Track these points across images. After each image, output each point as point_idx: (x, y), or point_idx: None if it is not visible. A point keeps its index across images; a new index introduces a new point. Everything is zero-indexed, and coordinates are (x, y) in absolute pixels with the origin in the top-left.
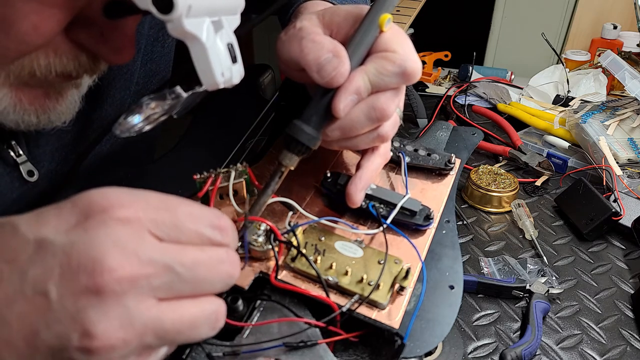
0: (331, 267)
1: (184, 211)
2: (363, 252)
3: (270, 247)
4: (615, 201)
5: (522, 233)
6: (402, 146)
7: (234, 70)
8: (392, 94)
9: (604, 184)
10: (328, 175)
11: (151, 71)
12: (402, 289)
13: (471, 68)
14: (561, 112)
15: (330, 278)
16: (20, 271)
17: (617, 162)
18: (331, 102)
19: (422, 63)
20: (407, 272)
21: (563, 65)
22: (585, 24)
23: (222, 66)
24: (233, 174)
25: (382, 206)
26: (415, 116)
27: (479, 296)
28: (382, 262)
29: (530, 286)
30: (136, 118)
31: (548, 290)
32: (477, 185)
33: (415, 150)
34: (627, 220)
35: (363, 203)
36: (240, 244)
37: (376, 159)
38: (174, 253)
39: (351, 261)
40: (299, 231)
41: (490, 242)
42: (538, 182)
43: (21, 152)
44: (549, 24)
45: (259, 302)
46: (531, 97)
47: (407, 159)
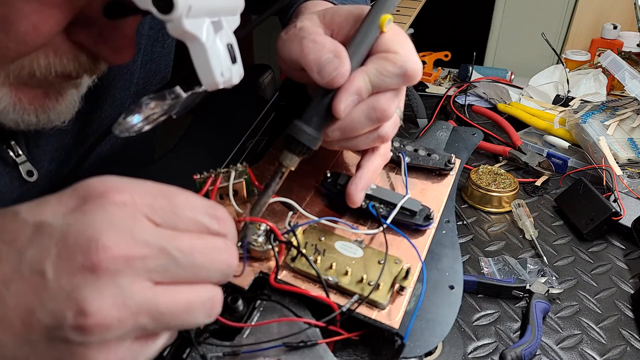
0: (331, 267)
1: (182, 199)
2: (363, 252)
3: (270, 247)
4: (615, 201)
5: (522, 233)
6: (402, 146)
7: (234, 70)
8: (393, 95)
9: (604, 184)
10: (328, 175)
11: (151, 71)
12: (402, 289)
13: (471, 68)
14: (561, 112)
15: (330, 278)
16: (18, 252)
17: (617, 162)
18: (332, 103)
19: (422, 63)
20: (407, 272)
21: (563, 65)
22: (585, 24)
23: (222, 66)
24: (233, 174)
25: (382, 206)
26: (415, 116)
27: (479, 296)
28: (382, 262)
29: (530, 286)
30: (135, 118)
31: (548, 290)
32: (477, 185)
33: (415, 150)
34: (627, 220)
35: (363, 203)
36: (240, 244)
37: (376, 159)
38: (170, 237)
39: (351, 261)
40: (299, 231)
41: (490, 242)
42: (538, 182)
43: (20, 152)
44: (549, 24)
45: (259, 302)
46: (531, 97)
47: (407, 159)
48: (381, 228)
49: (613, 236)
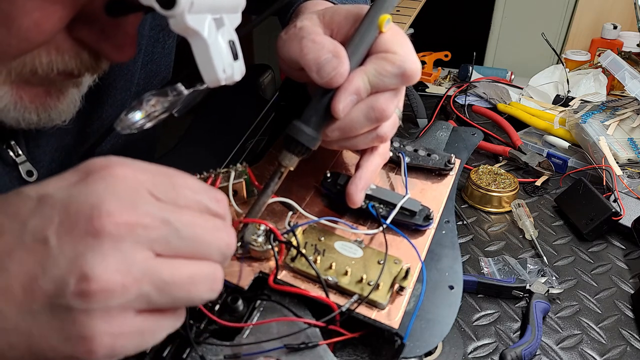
0: (331, 267)
1: (183, 180)
2: (363, 252)
3: (270, 247)
4: (615, 201)
5: (522, 233)
6: (402, 146)
7: (235, 67)
8: (392, 95)
9: (604, 184)
10: (328, 175)
11: (152, 72)
12: (402, 289)
13: (471, 68)
14: (561, 112)
15: (329, 278)
16: (20, 222)
17: (617, 162)
18: (331, 103)
19: (422, 63)
20: (407, 272)
21: (563, 65)
22: (585, 24)
23: (224, 62)
24: (233, 174)
25: (382, 206)
26: (415, 116)
27: (479, 296)
28: (382, 262)
29: (530, 286)
30: (137, 115)
31: (548, 290)
32: (477, 185)
33: (415, 150)
34: (627, 220)
35: (363, 203)
36: (240, 244)
37: (375, 159)
38: (172, 210)
39: (351, 261)
40: (299, 231)
41: (490, 242)
42: (538, 182)
43: (20, 152)
44: (549, 24)
45: (259, 302)
46: (531, 97)
47: (407, 159)
48: (381, 228)
49: (613, 236)
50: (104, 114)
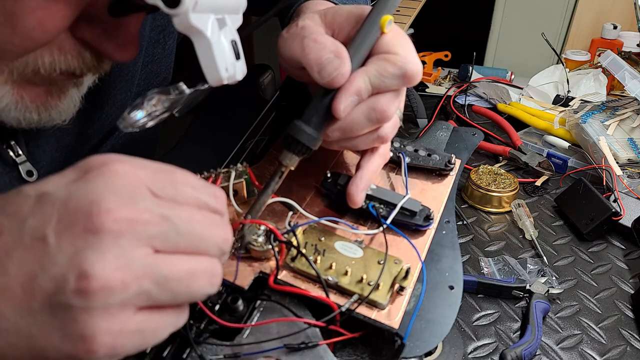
0: (331, 267)
1: (182, 176)
2: (363, 252)
3: (270, 247)
4: (615, 201)
5: (522, 233)
6: (403, 146)
7: (237, 66)
8: (393, 96)
9: (604, 184)
10: (328, 175)
11: (152, 73)
12: (402, 289)
13: (471, 68)
14: (561, 112)
15: (330, 278)
16: (19, 221)
17: (617, 162)
18: (332, 103)
19: (422, 63)
20: (407, 272)
21: (563, 65)
22: (585, 24)
23: (226, 62)
24: (233, 174)
25: (382, 206)
26: (415, 116)
27: (479, 296)
28: (382, 262)
29: (530, 286)
30: (139, 113)
31: (548, 290)
32: (477, 185)
33: (415, 150)
34: (627, 220)
35: (363, 203)
36: (239, 244)
37: (376, 159)
38: (171, 207)
39: (351, 261)
40: (299, 231)
41: (490, 242)
42: (538, 182)
43: (20, 152)
44: (549, 24)
45: (259, 302)
46: (531, 97)
47: (408, 160)
48: (381, 228)
49: (613, 236)
50: (105, 115)
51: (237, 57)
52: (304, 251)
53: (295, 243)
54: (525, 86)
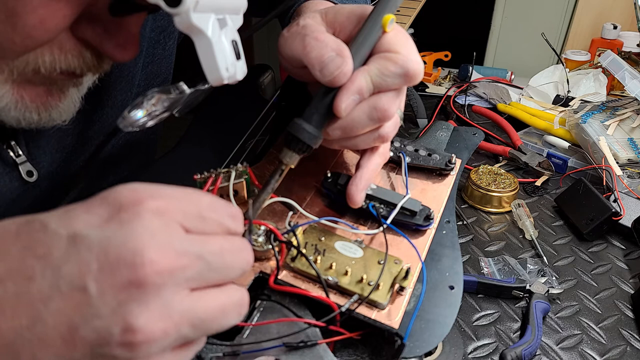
0: (331, 267)
1: (206, 202)
2: (363, 252)
3: (270, 247)
4: (615, 201)
5: (522, 233)
6: (403, 146)
7: (238, 66)
8: (394, 95)
9: (604, 184)
10: (328, 175)
11: (152, 73)
12: (402, 289)
13: (471, 68)
14: (561, 112)
15: (330, 278)
16: (53, 267)
17: (617, 162)
18: (333, 102)
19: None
20: (407, 272)
21: (563, 65)
22: (585, 24)
23: (227, 61)
24: (233, 174)
25: (382, 206)
26: (415, 116)
27: (479, 296)
28: (382, 262)
29: (530, 286)
30: (139, 113)
31: (548, 290)
32: (477, 185)
33: (415, 150)
34: (627, 220)
35: (363, 203)
36: None
37: (376, 159)
38: (203, 242)
39: (351, 261)
40: (299, 231)
41: (490, 242)
42: (538, 182)
43: (20, 152)
44: (549, 24)
45: (259, 302)
46: (531, 97)
47: (408, 159)
48: (381, 228)
49: (613, 236)
50: (105, 115)
51: (238, 57)
52: (304, 251)
53: (295, 243)
54: (525, 86)
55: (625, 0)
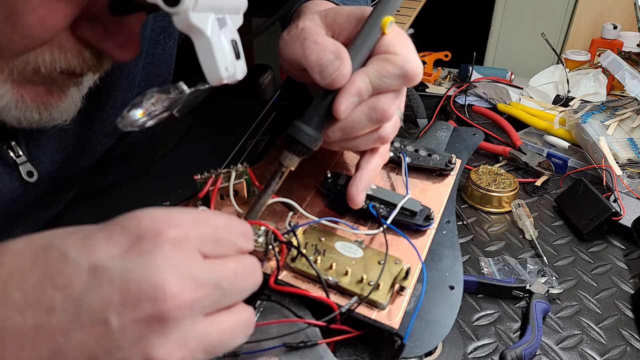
0: (331, 268)
1: (220, 223)
2: (363, 253)
3: (270, 248)
4: (615, 201)
5: (522, 233)
6: (403, 146)
7: (238, 66)
8: (393, 96)
9: (604, 184)
10: (328, 175)
11: (153, 74)
12: (402, 289)
13: (471, 68)
14: (561, 112)
15: (330, 278)
16: (74, 299)
17: (617, 162)
18: (332, 104)
19: (422, 63)
20: (407, 273)
21: (563, 65)
22: (585, 24)
23: (226, 61)
24: (233, 175)
25: (383, 206)
26: (415, 116)
27: (479, 296)
28: (382, 263)
29: (530, 286)
30: (138, 112)
31: (548, 290)
32: (477, 185)
33: (415, 150)
34: (627, 220)
35: (363, 203)
36: None
37: (376, 159)
38: (219, 269)
39: (351, 261)
40: (299, 231)
41: (490, 242)
42: (538, 182)
43: (21, 153)
44: (549, 24)
45: (259, 302)
46: (531, 97)
47: (408, 160)
48: (381, 228)
49: (613, 236)
50: (105, 116)
51: (238, 57)
52: (304, 251)
53: (295, 243)
54: (525, 86)
55: (625, 0)
